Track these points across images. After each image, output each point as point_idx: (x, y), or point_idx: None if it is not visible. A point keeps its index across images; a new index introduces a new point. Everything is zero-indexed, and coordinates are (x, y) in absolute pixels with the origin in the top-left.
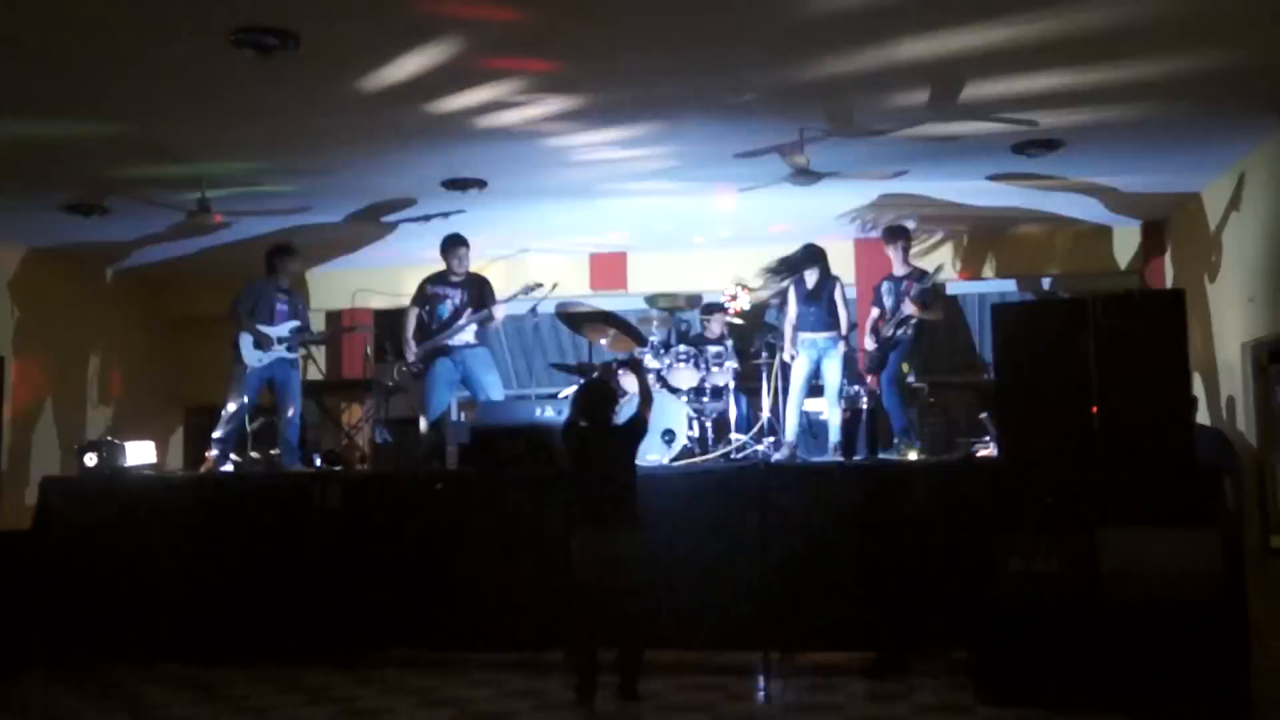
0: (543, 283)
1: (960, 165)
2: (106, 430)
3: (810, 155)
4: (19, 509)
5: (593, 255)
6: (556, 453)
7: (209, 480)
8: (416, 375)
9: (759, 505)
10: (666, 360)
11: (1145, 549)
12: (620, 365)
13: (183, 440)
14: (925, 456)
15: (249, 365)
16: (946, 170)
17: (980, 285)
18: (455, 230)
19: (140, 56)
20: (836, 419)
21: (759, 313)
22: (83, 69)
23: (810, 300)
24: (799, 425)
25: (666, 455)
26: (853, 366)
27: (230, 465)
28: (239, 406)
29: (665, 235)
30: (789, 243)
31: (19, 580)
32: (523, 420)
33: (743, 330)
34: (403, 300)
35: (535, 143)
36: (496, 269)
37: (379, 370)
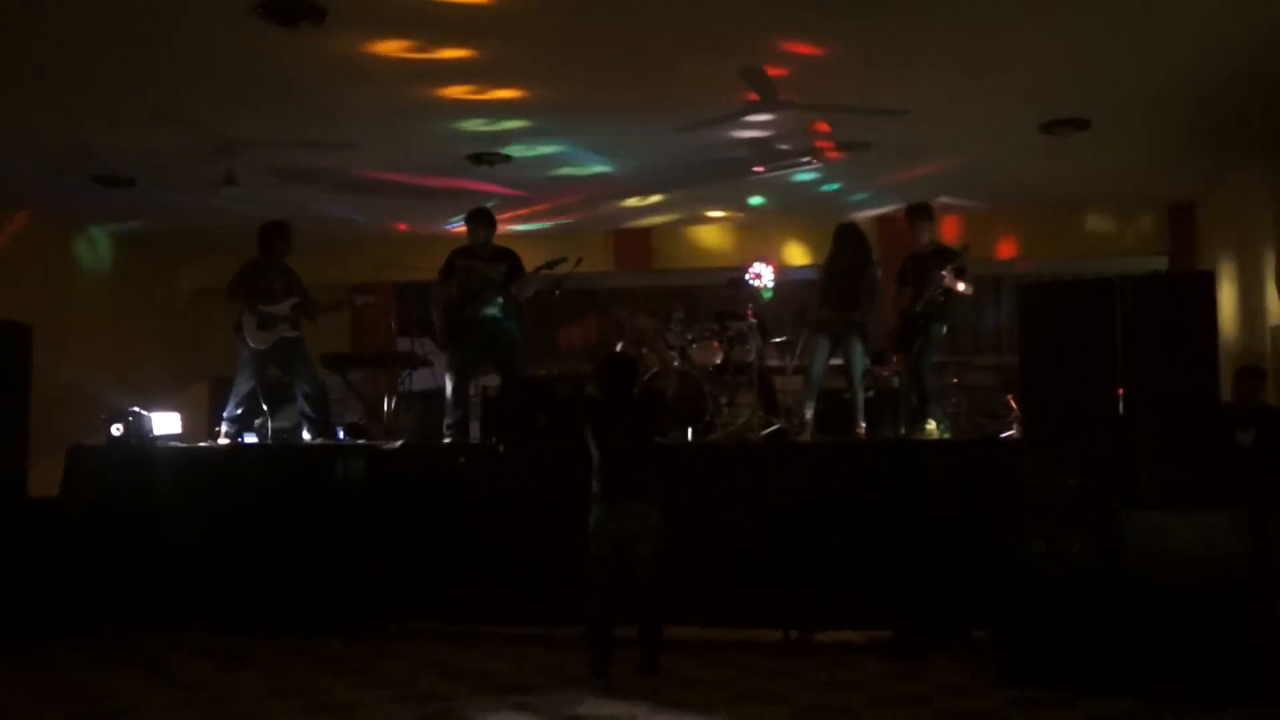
0: (566, 257)
1: (986, 143)
2: (133, 400)
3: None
4: (47, 477)
5: (616, 231)
6: (579, 427)
7: (234, 451)
8: (443, 348)
9: (780, 483)
10: (689, 337)
11: (1170, 531)
12: (637, 341)
13: (208, 411)
14: (948, 436)
15: (254, 346)
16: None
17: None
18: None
19: (169, 30)
20: (859, 398)
21: (782, 290)
22: (110, 40)
23: (837, 278)
24: (821, 404)
25: (690, 431)
26: (877, 345)
27: (254, 438)
28: (250, 387)
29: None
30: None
31: (46, 548)
32: (546, 395)
33: (766, 307)
34: (425, 274)
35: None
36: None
37: (402, 343)
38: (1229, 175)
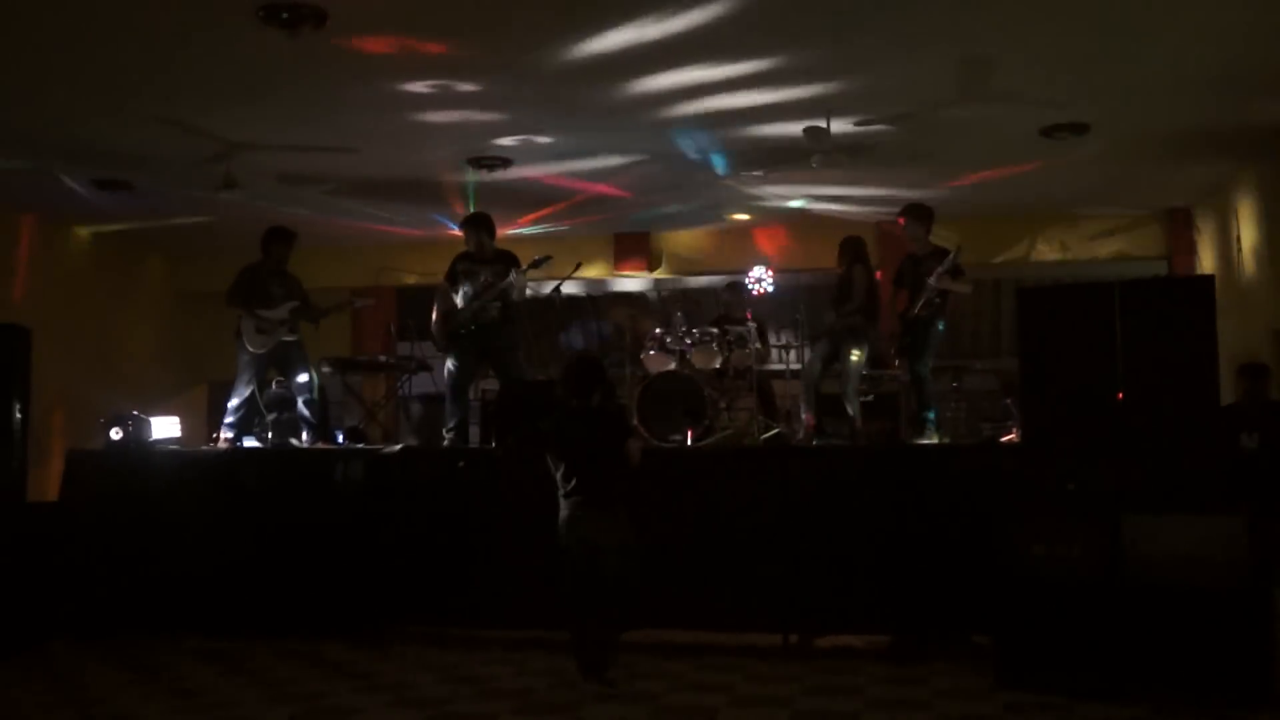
0: (550, 256)
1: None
2: (131, 404)
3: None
4: (46, 481)
5: (616, 234)
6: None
7: (233, 455)
8: (443, 351)
9: (779, 487)
10: (688, 340)
11: (1169, 535)
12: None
13: (206, 414)
14: (948, 440)
15: (253, 351)
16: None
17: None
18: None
19: (169, 33)
20: (857, 402)
21: (782, 294)
22: (111, 45)
23: (836, 283)
24: (819, 408)
25: (688, 435)
26: (876, 349)
27: (253, 442)
28: (249, 391)
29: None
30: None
31: (46, 552)
32: (546, 399)
33: (766, 311)
34: (427, 279)
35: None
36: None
37: (402, 347)
38: (1228, 179)
